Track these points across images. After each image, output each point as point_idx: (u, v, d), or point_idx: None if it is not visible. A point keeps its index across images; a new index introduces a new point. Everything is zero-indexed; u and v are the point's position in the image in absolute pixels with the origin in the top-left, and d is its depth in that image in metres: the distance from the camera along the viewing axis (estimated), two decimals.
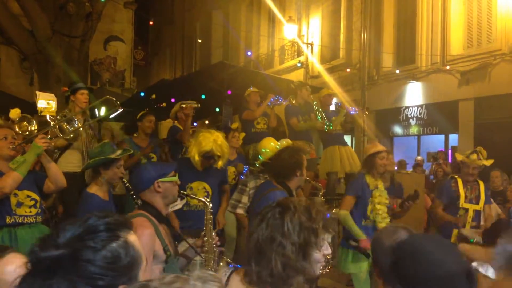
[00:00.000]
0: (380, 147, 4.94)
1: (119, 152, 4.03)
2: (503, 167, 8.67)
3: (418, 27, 13.25)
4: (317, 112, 7.53)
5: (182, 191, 3.10)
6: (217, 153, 4.39)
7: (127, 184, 3.82)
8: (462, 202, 5.49)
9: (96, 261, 1.19)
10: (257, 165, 4.44)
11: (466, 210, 5.49)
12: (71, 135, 4.30)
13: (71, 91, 5.70)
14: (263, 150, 4.32)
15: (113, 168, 3.92)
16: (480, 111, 11.79)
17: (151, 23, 24.33)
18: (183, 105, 6.15)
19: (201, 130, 5.31)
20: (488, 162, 5.70)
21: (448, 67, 12.30)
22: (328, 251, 1.89)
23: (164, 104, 9.91)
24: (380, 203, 4.78)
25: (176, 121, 6.89)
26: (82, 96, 5.63)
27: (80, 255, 1.18)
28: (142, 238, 2.67)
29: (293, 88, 8.07)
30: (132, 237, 1.29)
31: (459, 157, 5.80)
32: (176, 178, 3.00)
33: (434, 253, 1.55)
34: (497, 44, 11.25)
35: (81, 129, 4.97)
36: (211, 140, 4.41)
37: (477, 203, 5.54)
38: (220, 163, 4.53)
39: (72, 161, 5.33)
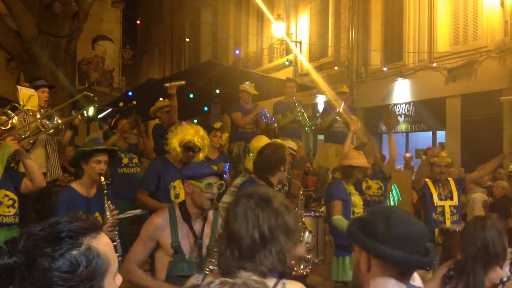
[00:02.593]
0: (362, 162, 4.91)
1: (98, 147, 3.97)
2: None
3: (405, 25, 13.33)
4: (298, 112, 7.57)
5: (213, 202, 2.99)
6: (198, 144, 4.31)
7: (103, 182, 3.78)
8: (436, 201, 5.61)
9: (53, 270, 1.14)
10: (252, 165, 4.38)
11: (442, 207, 5.60)
12: (51, 131, 4.26)
13: (32, 87, 5.55)
14: (257, 149, 4.31)
15: (91, 163, 3.81)
16: (467, 107, 11.90)
17: (138, 22, 24.21)
18: (167, 85, 5.96)
19: (181, 123, 5.26)
20: (450, 159, 5.88)
21: (435, 64, 12.40)
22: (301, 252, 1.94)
23: (134, 102, 9.89)
24: (357, 207, 4.89)
25: (157, 119, 6.87)
26: (43, 94, 5.56)
27: (36, 263, 1.13)
28: (146, 224, 3.10)
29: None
30: (98, 243, 1.21)
31: (434, 159, 5.90)
32: (202, 185, 2.95)
33: (403, 216, 1.77)
34: (483, 41, 11.36)
35: (63, 126, 4.93)
36: (192, 131, 4.36)
37: (451, 198, 5.66)
38: (200, 156, 4.45)
39: (35, 162, 5.28)
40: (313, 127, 7.52)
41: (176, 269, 2.95)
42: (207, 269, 2.60)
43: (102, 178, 3.82)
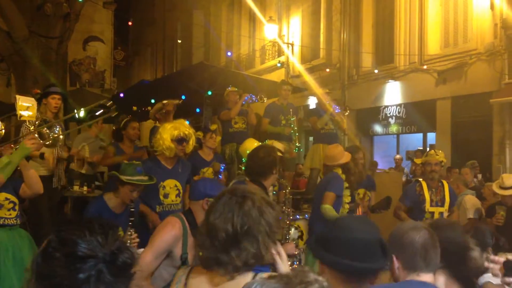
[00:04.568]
0: (346, 158, 5.06)
1: (137, 178, 3.99)
2: (479, 164, 8.87)
3: (396, 28, 13.42)
4: (289, 118, 7.63)
5: None
6: (187, 133, 4.46)
7: (132, 209, 3.85)
8: (428, 206, 5.49)
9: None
10: (243, 168, 4.44)
11: (432, 213, 5.50)
12: (50, 142, 4.26)
13: (43, 94, 5.59)
14: (247, 151, 4.34)
15: (126, 189, 3.93)
16: (457, 109, 12.00)
17: (130, 23, 24.14)
18: (165, 102, 6.13)
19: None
20: (444, 159, 5.78)
21: (425, 67, 12.49)
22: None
23: (134, 108, 9.88)
24: (344, 203, 4.98)
25: (156, 122, 6.86)
26: (53, 101, 5.52)
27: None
28: (165, 234, 2.96)
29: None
30: None
31: (418, 160, 5.88)
32: None
33: (352, 223, 1.87)
34: (473, 44, 11.46)
35: (61, 136, 4.90)
36: (176, 125, 4.50)
37: (442, 205, 5.55)
38: (190, 146, 4.58)
39: (38, 165, 5.28)
40: (296, 134, 7.61)
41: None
42: None
43: (132, 205, 3.90)
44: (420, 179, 5.76)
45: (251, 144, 4.48)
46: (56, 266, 1.20)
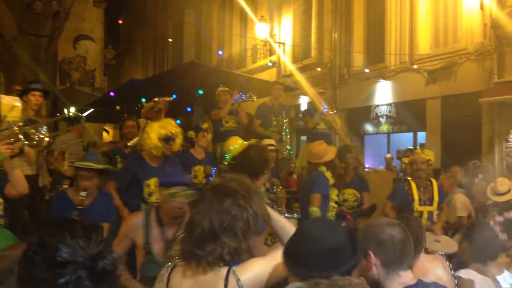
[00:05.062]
0: (331, 155, 5.09)
1: (84, 163, 4.00)
2: (468, 163, 8.92)
3: (387, 27, 13.48)
4: (280, 119, 7.68)
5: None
6: (174, 132, 4.47)
7: (81, 197, 3.83)
8: (416, 206, 5.50)
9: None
10: (225, 163, 4.46)
11: (421, 212, 5.51)
12: (35, 142, 4.18)
13: (23, 90, 5.41)
14: (230, 148, 4.35)
15: (78, 178, 3.97)
16: (447, 109, 12.08)
17: (120, 21, 24.02)
18: (156, 99, 6.09)
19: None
20: (432, 157, 5.79)
21: (415, 66, 12.56)
22: None
23: (117, 108, 9.85)
24: (331, 201, 4.99)
25: (149, 121, 6.83)
26: (34, 98, 5.29)
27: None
28: (125, 223, 3.36)
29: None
30: None
31: (406, 159, 5.91)
32: (166, 193, 3.02)
33: (315, 232, 1.80)
34: (463, 44, 11.55)
35: (46, 138, 4.80)
36: (164, 124, 4.52)
37: (431, 204, 5.58)
38: (177, 144, 4.59)
39: (24, 164, 5.20)
40: (285, 138, 7.66)
41: (146, 269, 3.08)
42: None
43: (84, 194, 3.83)
44: (409, 178, 5.78)
45: (234, 141, 4.48)
46: (36, 270, 1.18)
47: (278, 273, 1.98)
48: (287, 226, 2.15)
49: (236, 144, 4.33)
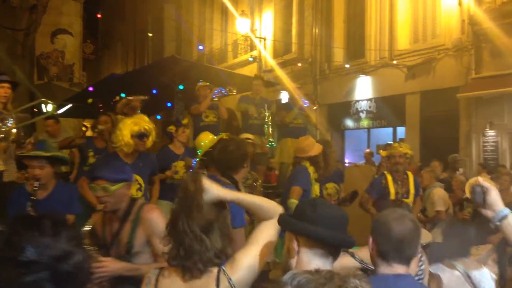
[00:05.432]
0: (317, 150, 5.10)
1: (31, 153, 3.95)
2: (447, 157, 9.06)
3: (367, 23, 13.57)
4: (262, 111, 7.70)
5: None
6: (147, 128, 4.45)
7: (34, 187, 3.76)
8: (393, 199, 5.57)
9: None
10: (197, 159, 4.45)
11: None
12: (2, 135, 4.08)
13: None
14: (202, 143, 4.34)
15: (29, 168, 3.92)
16: (426, 104, 12.22)
17: (99, 15, 23.69)
18: (130, 98, 6.04)
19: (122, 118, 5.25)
20: (410, 151, 5.88)
21: (395, 62, 12.68)
22: None
23: (90, 100, 9.74)
24: (313, 195, 5.02)
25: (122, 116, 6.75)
26: (2, 90, 5.11)
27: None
28: None
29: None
30: None
31: (384, 153, 5.98)
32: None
33: (326, 202, 2.11)
34: (441, 40, 11.69)
35: (14, 130, 4.68)
36: (137, 120, 4.49)
37: (407, 197, 5.66)
38: (150, 141, 4.56)
39: None
40: (273, 144, 7.69)
41: None
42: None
43: (36, 184, 3.74)
44: (385, 172, 5.86)
45: (205, 136, 4.46)
46: (1, 269, 1.14)
47: (265, 257, 2.05)
48: (256, 200, 2.19)
49: (206, 139, 4.32)
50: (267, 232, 2.09)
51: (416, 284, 2.24)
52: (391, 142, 12.66)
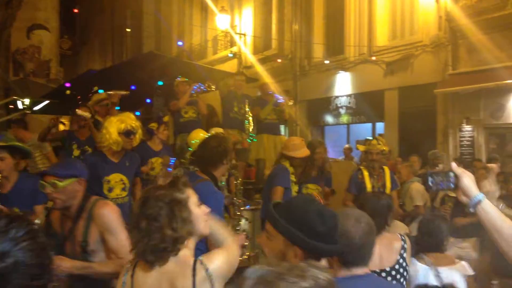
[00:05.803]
0: (303, 152, 5.13)
1: None
2: (425, 152, 9.18)
3: (346, 19, 13.65)
4: (242, 106, 7.71)
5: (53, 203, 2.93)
6: (134, 126, 4.41)
7: None
8: None
9: None
10: (188, 157, 4.41)
11: None
12: None
13: None
14: (192, 141, 4.31)
15: None
16: (404, 100, 12.36)
17: (75, 10, 23.34)
18: (110, 92, 5.95)
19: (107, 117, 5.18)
20: (386, 148, 5.97)
21: (374, 58, 12.78)
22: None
23: (68, 92, 9.61)
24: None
25: (96, 114, 6.64)
26: None
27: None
28: None
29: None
30: None
31: (361, 148, 6.04)
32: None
33: (330, 209, 1.93)
34: (419, 36, 11.83)
35: None
36: (123, 118, 4.44)
37: (384, 191, 5.69)
38: (137, 139, 4.53)
39: None
40: (254, 140, 7.69)
41: None
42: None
43: None
44: (362, 167, 5.92)
45: (197, 134, 4.45)
46: None
47: (236, 263, 2.10)
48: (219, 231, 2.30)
49: (197, 137, 4.29)
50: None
51: (378, 281, 2.24)
52: (370, 138, 12.81)
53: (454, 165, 1.94)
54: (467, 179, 1.87)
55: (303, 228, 1.76)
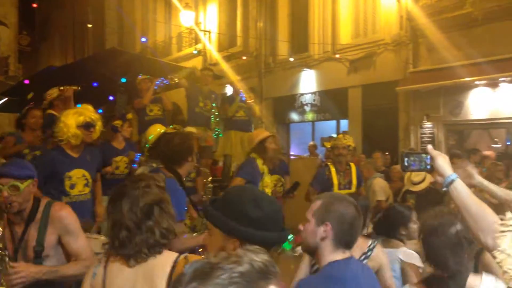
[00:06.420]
0: (266, 133, 5.12)
1: None
2: (387, 148, 9.39)
3: (311, 17, 13.76)
4: (208, 102, 7.68)
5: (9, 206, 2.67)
6: (94, 118, 4.30)
7: None
8: (336, 190, 5.69)
9: None
10: (145, 153, 4.37)
11: None
12: None
13: None
14: (149, 137, 4.27)
15: None
16: (367, 97, 12.57)
17: (34, 5, 22.66)
18: (62, 88, 5.82)
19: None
20: (352, 143, 6.08)
21: (338, 56, 12.93)
22: None
23: (30, 96, 9.31)
24: (267, 187, 4.98)
25: (51, 109, 6.46)
26: None
27: None
28: None
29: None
30: None
31: (328, 144, 6.15)
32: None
33: (267, 196, 1.93)
34: (381, 35, 12.04)
35: None
36: (81, 110, 4.34)
37: (350, 188, 5.83)
38: (97, 131, 4.40)
39: None
40: (220, 135, 7.69)
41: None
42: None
43: None
44: (329, 163, 5.99)
45: (154, 129, 4.39)
46: None
47: None
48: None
49: (154, 133, 4.25)
50: None
51: (359, 264, 2.34)
52: (335, 135, 12.99)
53: (430, 147, 2.00)
54: (442, 160, 1.93)
55: (238, 216, 1.72)
